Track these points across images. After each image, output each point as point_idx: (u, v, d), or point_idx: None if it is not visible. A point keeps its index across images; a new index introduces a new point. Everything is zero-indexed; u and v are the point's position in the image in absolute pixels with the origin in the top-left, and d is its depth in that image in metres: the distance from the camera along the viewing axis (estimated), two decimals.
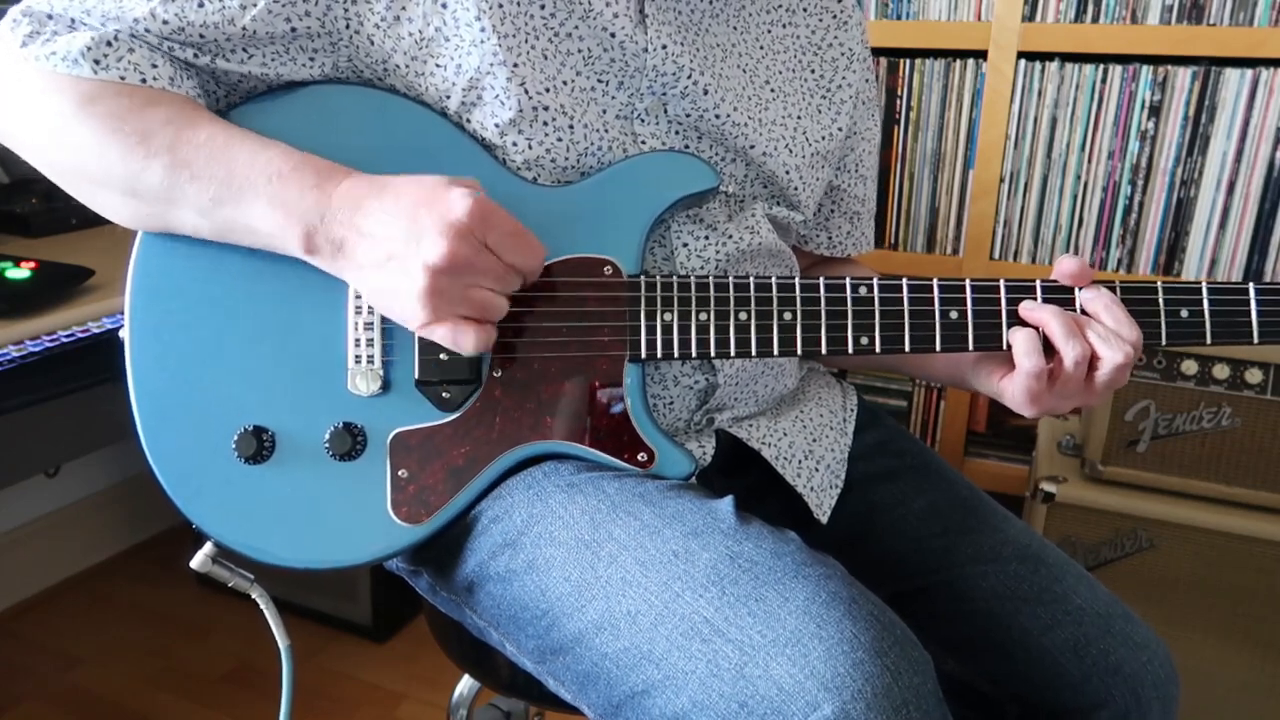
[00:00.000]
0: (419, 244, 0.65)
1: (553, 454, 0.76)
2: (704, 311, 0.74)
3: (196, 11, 0.71)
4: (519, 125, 0.74)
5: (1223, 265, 1.58)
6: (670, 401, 0.81)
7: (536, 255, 0.70)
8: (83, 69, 0.69)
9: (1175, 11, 1.50)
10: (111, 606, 1.94)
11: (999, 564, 0.83)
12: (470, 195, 0.65)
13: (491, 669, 0.93)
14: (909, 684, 0.58)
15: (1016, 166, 1.64)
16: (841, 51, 0.90)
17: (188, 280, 0.75)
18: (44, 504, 1.97)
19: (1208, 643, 1.37)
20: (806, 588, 0.61)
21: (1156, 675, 0.79)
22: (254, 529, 0.75)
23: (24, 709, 1.66)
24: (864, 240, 1.01)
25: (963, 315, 0.74)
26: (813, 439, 0.88)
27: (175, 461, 0.75)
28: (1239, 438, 1.33)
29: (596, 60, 0.77)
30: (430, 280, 0.65)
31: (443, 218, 0.64)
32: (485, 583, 0.74)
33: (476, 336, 0.68)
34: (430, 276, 0.65)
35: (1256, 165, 1.51)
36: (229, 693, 1.70)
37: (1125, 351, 0.71)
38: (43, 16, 0.71)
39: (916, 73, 1.65)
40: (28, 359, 0.96)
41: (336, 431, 0.74)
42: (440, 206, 0.65)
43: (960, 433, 1.78)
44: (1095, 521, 1.38)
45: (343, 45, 0.75)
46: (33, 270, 1.05)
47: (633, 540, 0.67)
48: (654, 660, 0.62)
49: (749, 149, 0.81)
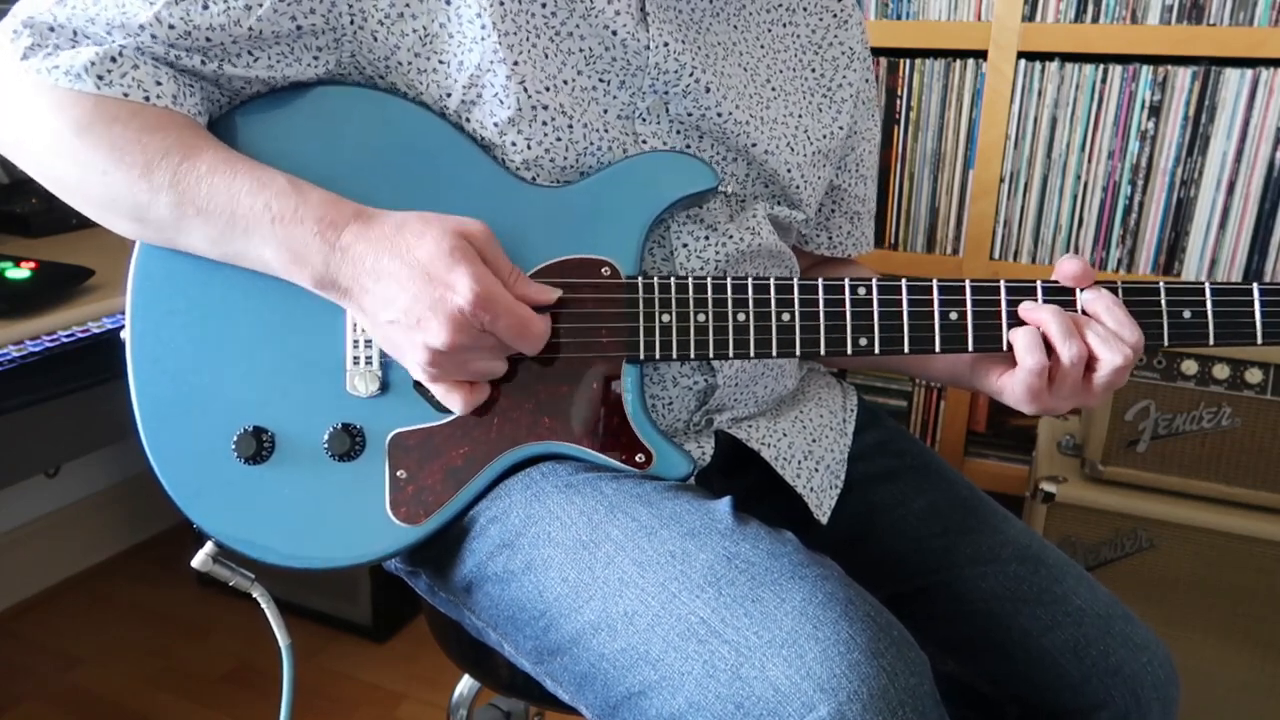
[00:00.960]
0: (420, 323, 0.66)
1: (551, 455, 0.76)
2: (702, 312, 0.74)
3: (202, 14, 0.70)
4: (518, 124, 0.74)
5: (1223, 265, 1.58)
6: (669, 402, 0.81)
7: (537, 339, 0.70)
8: (86, 84, 0.68)
9: (1175, 11, 1.50)
10: (111, 606, 1.94)
11: (999, 565, 0.83)
12: (474, 282, 0.65)
13: (491, 669, 0.93)
14: (905, 685, 0.58)
15: (1016, 166, 1.64)
16: (842, 50, 0.90)
17: (188, 281, 0.75)
18: (44, 504, 1.97)
19: (1208, 643, 1.36)
20: (803, 589, 0.61)
21: (1156, 676, 0.79)
22: (254, 528, 0.75)
23: (24, 709, 1.66)
24: (864, 240, 1.01)
25: (962, 316, 0.74)
26: (812, 439, 0.88)
27: (176, 461, 0.75)
28: (1239, 438, 1.33)
29: (598, 59, 0.77)
30: (430, 357, 0.68)
31: (445, 303, 0.65)
32: (483, 583, 0.74)
33: (465, 400, 0.72)
34: (430, 354, 0.67)
35: (1256, 165, 1.51)
36: (229, 693, 1.70)
37: (1124, 354, 0.71)
38: (45, 29, 0.69)
39: (916, 73, 1.65)
40: (28, 359, 0.96)
41: (335, 432, 0.74)
42: (442, 289, 0.65)
43: (960, 433, 1.78)
44: (1095, 521, 1.38)
45: (346, 41, 0.74)
46: (33, 270, 1.05)
47: (630, 541, 0.67)
48: (651, 661, 0.62)
49: (750, 147, 0.81)
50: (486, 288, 0.65)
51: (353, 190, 0.74)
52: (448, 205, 0.75)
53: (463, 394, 0.71)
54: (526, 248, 0.75)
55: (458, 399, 0.71)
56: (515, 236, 0.75)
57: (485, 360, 0.71)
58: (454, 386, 0.71)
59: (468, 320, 0.65)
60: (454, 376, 0.71)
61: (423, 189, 0.75)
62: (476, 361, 0.70)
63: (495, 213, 0.75)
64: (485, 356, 0.70)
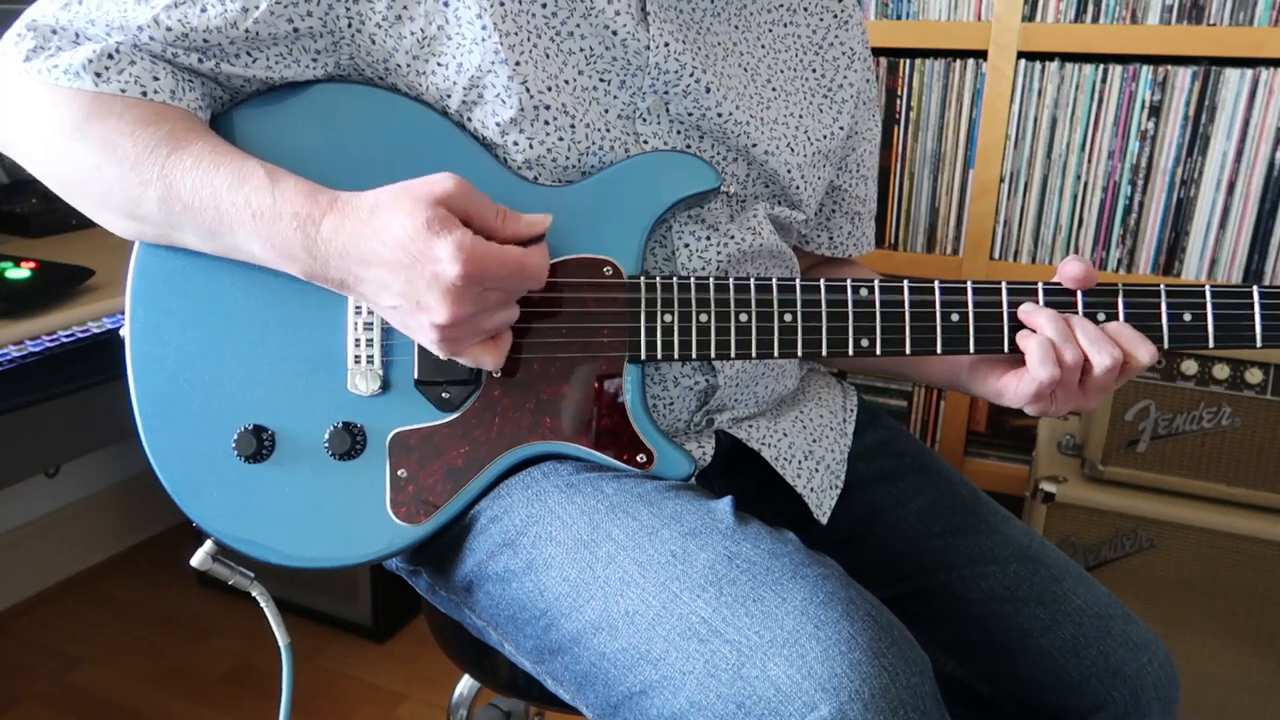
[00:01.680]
0: (420, 305, 0.65)
1: (552, 454, 0.76)
2: (704, 312, 0.74)
3: (200, 16, 0.71)
4: (520, 124, 0.74)
5: (1223, 265, 1.58)
6: (670, 402, 0.81)
7: (539, 275, 0.69)
8: (84, 81, 0.69)
9: (1175, 11, 1.50)
10: (111, 606, 1.94)
11: (998, 565, 0.83)
12: (457, 249, 0.63)
13: (491, 669, 0.93)
14: (906, 684, 0.58)
15: (1016, 166, 1.64)
16: (843, 51, 0.90)
17: (188, 280, 0.75)
18: (44, 504, 1.97)
19: (1208, 643, 1.36)
20: (804, 588, 0.61)
21: (1156, 676, 0.79)
22: (254, 528, 0.75)
23: (24, 709, 1.66)
24: (865, 241, 1.01)
25: (964, 317, 0.74)
26: (813, 439, 0.88)
27: (176, 460, 0.75)
28: (1239, 438, 1.33)
29: (599, 59, 0.77)
30: (440, 334, 0.67)
31: (438, 279, 0.63)
32: (484, 583, 0.74)
33: (494, 356, 0.70)
34: (439, 331, 0.66)
35: (1256, 165, 1.51)
36: (229, 693, 1.70)
37: (1113, 355, 0.71)
38: (47, 31, 0.71)
39: (916, 73, 1.65)
40: (28, 359, 0.96)
41: (336, 431, 0.74)
42: (430, 265, 0.63)
43: (960, 433, 1.78)
44: (1095, 521, 1.38)
45: (344, 44, 0.75)
46: (33, 270, 1.05)
47: (631, 540, 0.67)
48: (651, 660, 0.62)
49: (751, 148, 0.81)
50: (470, 251, 0.63)
51: (354, 188, 0.74)
52: None
53: (489, 352, 0.69)
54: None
55: (487, 358, 0.69)
56: None
57: (498, 314, 0.69)
58: (478, 349, 0.69)
59: (464, 290, 0.64)
60: (472, 340, 0.69)
61: None
62: (489, 319, 0.68)
63: None
64: (496, 311, 0.68)
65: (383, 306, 0.68)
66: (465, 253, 0.63)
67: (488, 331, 0.69)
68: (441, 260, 0.63)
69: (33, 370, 0.97)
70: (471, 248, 0.63)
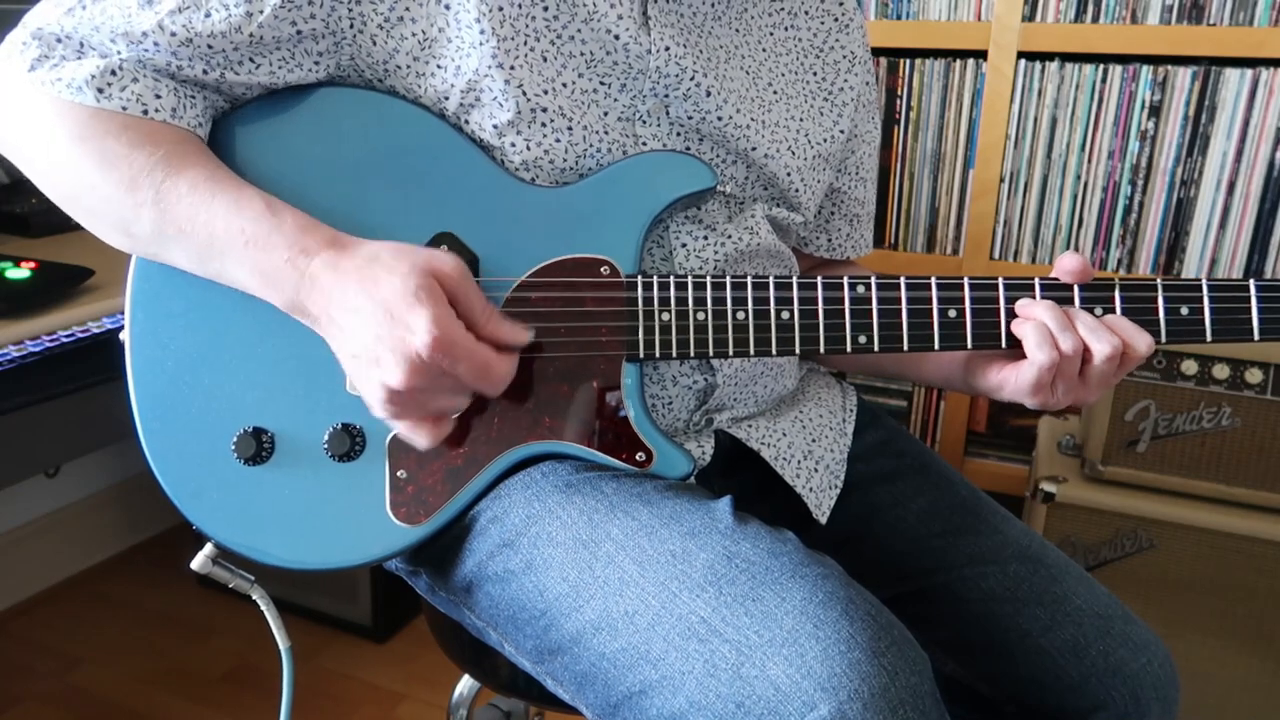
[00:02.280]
0: (378, 362, 0.64)
1: (551, 454, 0.76)
2: (702, 311, 0.74)
3: (204, 22, 0.71)
4: (517, 126, 0.74)
5: (1223, 265, 1.58)
6: (669, 402, 0.81)
7: (499, 382, 0.68)
8: (86, 97, 0.69)
9: (1175, 11, 1.50)
10: (111, 606, 1.94)
11: (998, 565, 0.83)
12: (433, 325, 0.62)
13: (491, 669, 0.93)
14: (906, 684, 0.58)
15: (1016, 166, 1.64)
16: (843, 54, 0.90)
17: (187, 282, 0.75)
18: (44, 504, 1.97)
19: (1208, 643, 1.36)
20: (803, 588, 0.61)
21: (1156, 676, 0.79)
22: (253, 530, 0.75)
23: (24, 709, 1.66)
24: (863, 243, 1.01)
25: (961, 314, 0.74)
26: (812, 439, 0.88)
27: (175, 462, 0.75)
28: (1239, 438, 1.33)
29: (599, 63, 0.77)
30: (387, 395, 0.65)
31: (403, 343, 0.63)
32: (483, 583, 0.74)
33: (429, 436, 0.69)
34: (386, 393, 0.65)
35: (1256, 165, 1.51)
36: (229, 693, 1.70)
37: (1112, 343, 0.71)
38: (52, 40, 0.70)
39: (916, 73, 1.65)
40: (28, 359, 0.96)
41: (335, 432, 0.74)
42: (402, 330, 0.63)
43: (960, 433, 1.78)
44: (1095, 521, 1.38)
45: (345, 45, 0.75)
46: (33, 270, 1.05)
47: (630, 540, 0.67)
48: (651, 660, 0.62)
49: (750, 151, 0.81)
50: (445, 331, 0.62)
51: (353, 191, 0.74)
52: (447, 205, 0.75)
53: (426, 432, 0.68)
54: (526, 247, 0.75)
55: (422, 436, 0.69)
56: (514, 236, 0.75)
57: (445, 398, 0.68)
58: (416, 424, 0.68)
59: (425, 364, 0.63)
60: (414, 415, 0.68)
61: (422, 189, 0.75)
62: (436, 400, 0.67)
63: (494, 213, 0.75)
64: (445, 395, 0.67)
65: (344, 353, 0.67)
66: (440, 330, 0.62)
67: (431, 412, 0.68)
68: (415, 330, 0.62)
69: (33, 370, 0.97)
70: (447, 329, 0.63)
